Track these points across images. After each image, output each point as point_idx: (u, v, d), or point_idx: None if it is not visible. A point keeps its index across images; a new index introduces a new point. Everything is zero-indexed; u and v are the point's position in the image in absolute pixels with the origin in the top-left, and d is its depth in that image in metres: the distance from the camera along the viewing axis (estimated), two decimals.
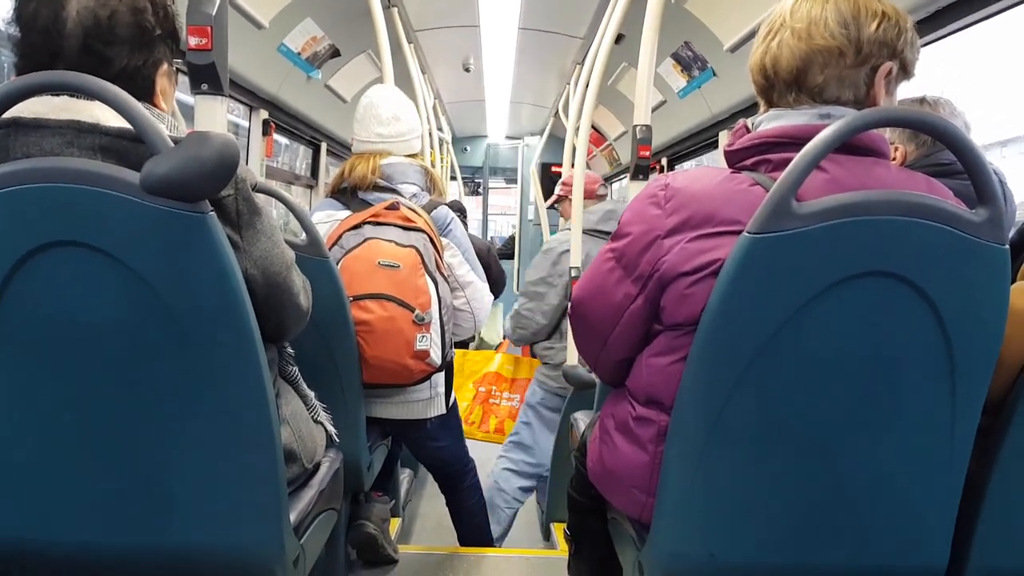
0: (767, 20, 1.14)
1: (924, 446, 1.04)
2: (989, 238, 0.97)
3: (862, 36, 1.05)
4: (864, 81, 1.08)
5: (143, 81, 1.10)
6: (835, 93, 1.08)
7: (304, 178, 4.64)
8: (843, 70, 1.07)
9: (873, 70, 1.08)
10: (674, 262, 1.07)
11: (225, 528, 1.11)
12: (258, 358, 1.05)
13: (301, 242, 1.69)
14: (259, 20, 2.76)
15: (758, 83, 1.15)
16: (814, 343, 0.99)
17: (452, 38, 4.49)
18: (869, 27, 1.05)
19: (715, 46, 3.01)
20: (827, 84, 1.08)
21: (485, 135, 8.11)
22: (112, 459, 1.07)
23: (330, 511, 1.47)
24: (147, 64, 1.09)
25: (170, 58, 1.13)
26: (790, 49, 1.08)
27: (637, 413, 1.16)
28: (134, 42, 1.06)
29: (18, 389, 1.03)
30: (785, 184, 0.94)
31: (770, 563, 1.09)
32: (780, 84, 1.11)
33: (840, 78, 1.08)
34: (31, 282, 0.98)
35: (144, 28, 1.07)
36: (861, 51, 1.06)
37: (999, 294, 0.99)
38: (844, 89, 1.08)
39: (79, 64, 1.01)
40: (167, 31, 1.11)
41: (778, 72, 1.10)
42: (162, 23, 1.10)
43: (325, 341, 1.80)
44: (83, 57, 1.03)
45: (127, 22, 1.05)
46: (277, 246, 1.19)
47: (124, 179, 0.94)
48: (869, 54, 1.06)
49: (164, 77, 1.13)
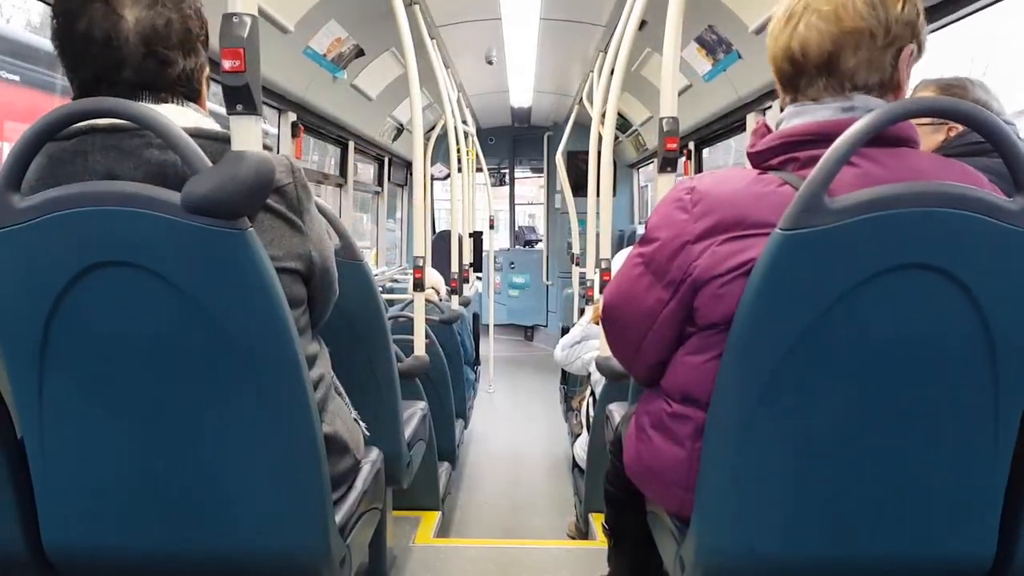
0: (785, 4, 1.11)
1: (966, 436, 1.03)
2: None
3: (890, 17, 1.04)
4: (890, 64, 1.06)
5: (195, 84, 1.17)
6: (864, 77, 1.07)
7: (334, 177, 4.69)
8: (873, 53, 1.05)
9: (898, 52, 1.06)
10: (706, 266, 1.07)
11: (274, 531, 1.14)
12: (299, 365, 1.08)
13: (336, 245, 1.71)
14: (285, 25, 2.79)
15: (783, 71, 1.12)
16: (851, 337, 0.99)
17: (474, 32, 4.49)
18: (896, 7, 1.04)
19: (740, 28, 2.98)
20: (858, 68, 1.06)
21: (509, 125, 8.10)
22: (164, 467, 1.10)
23: (373, 510, 1.50)
24: (196, 67, 1.15)
25: (207, 62, 1.19)
26: (819, 32, 1.05)
27: (673, 410, 1.17)
28: (185, 46, 1.12)
29: (73, 404, 1.07)
30: (817, 180, 0.94)
31: (810, 556, 1.09)
32: (811, 69, 1.08)
33: (870, 61, 1.06)
34: (82, 301, 1.02)
35: (192, 32, 1.13)
36: (890, 32, 1.04)
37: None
38: (872, 73, 1.07)
39: (143, 69, 1.08)
40: (206, 35, 1.17)
41: (808, 57, 1.07)
42: (202, 28, 1.16)
43: (361, 340, 1.83)
44: (147, 61, 1.08)
45: (179, 28, 1.10)
46: (324, 229, 1.27)
47: (166, 200, 0.97)
48: (897, 35, 1.04)
49: (206, 80, 1.20)
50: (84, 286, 1.01)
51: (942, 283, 0.97)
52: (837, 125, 1.00)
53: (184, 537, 1.13)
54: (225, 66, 0.98)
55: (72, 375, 1.06)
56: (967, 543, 1.08)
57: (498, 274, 8.35)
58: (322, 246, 1.24)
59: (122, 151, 1.05)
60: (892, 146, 1.04)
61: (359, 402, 1.51)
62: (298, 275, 1.18)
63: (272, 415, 1.08)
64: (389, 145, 5.45)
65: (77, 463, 1.10)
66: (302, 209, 1.18)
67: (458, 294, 4.07)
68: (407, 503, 2.94)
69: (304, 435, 1.11)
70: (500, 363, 7.25)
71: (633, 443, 1.28)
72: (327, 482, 1.17)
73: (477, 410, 5.35)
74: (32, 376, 1.05)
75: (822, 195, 0.94)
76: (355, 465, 1.40)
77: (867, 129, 0.94)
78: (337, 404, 1.37)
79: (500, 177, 8.75)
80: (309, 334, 1.27)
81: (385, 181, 5.94)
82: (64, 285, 1.01)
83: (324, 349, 1.35)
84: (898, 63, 1.07)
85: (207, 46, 1.18)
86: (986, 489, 1.06)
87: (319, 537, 1.16)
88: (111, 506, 1.12)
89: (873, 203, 0.94)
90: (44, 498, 1.12)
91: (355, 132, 4.48)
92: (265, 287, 1.02)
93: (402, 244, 7.11)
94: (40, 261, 1.01)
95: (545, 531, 3.41)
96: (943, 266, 0.96)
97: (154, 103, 1.09)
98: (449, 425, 3.33)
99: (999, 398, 1.01)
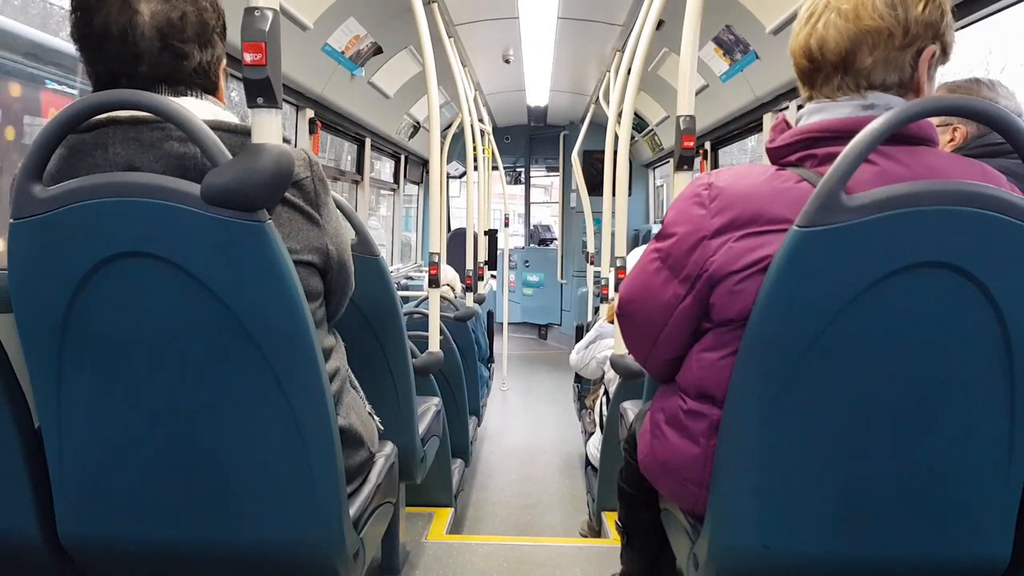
0: (808, 2, 1.12)
1: (982, 436, 1.03)
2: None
3: (909, 17, 1.03)
4: (909, 64, 1.06)
5: (213, 76, 1.18)
6: (881, 76, 1.06)
7: (350, 173, 4.71)
8: (891, 52, 1.05)
9: (918, 53, 1.05)
10: (723, 261, 1.07)
11: (288, 523, 1.15)
12: (316, 357, 1.09)
13: (352, 240, 1.72)
14: (304, 22, 2.81)
15: (801, 67, 1.13)
16: (867, 335, 0.99)
17: (492, 31, 4.50)
18: (916, 8, 1.03)
19: (757, 29, 2.96)
20: (875, 67, 1.06)
21: (526, 124, 8.11)
22: (180, 458, 1.12)
23: (387, 504, 1.51)
24: (213, 60, 1.17)
25: (224, 55, 1.20)
26: (837, 30, 1.06)
27: (688, 407, 1.17)
28: (201, 39, 1.13)
29: (90, 394, 1.09)
30: (834, 177, 0.94)
31: (824, 554, 1.09)
32: (827, 67, 1.08)
33: (887, 61, 1.06)
34: (101, 292, 1.03)
35: (208, 24, 1.14)
36: (908, 32, 1.04)
37: None
38: (890, 72, 1.06)
39: (159, 62, 1.09)
40: (223, 27, 1.18)
41: (825, 54, 1.08)
42: (218, 20, 1.17)
43: (376, 335, 1.84)
44: (163, 55, 1.09)
45: (194, 21, 1.11)
46: (341, 223, 1.28)
47: (186, 191, 0.99)
48: (916, 35, 1.04)
49: (223, 72, 1.22)
50: (103, 277, 1.02)
51: (959, 282, 0.96)
52: (856, 123, 0.99)
53: (198, 528, 1.14)
54: (246, 59, 0.99)
55: (90, 365, 1.07)
56: (983, 543, 1.07)
57: (513, 272, 8.36)
58: (339, 240, 1.25)
59: (142, 143, 1.06)
60: (911, 144, 1.04)
61: (374, 396, 1.52)
62: (315, 268, 1.19)
63: (288, 407, 1.08)
64: (405, 143, 5.47)
65: (94, 453, 1.11)
66: (319, 203, 1.19)
67: (473, 291, 4.07)
68: (420, 499, 2.95)
69: (320, 427, 1.11)
70: (514, 361, 7.26)
71: (647, 440, 1.28)
72: (342, 474, 1.18)
73: (491, 407, 5.36)
74: (51, 366, 1.07)
75: (839, 192, 0.94)
76: (369, 458, 1.40)
77: (886, 127, 0.94)
78: (352, 397, 1.38)
79: (516, 176, 8.76)
80: (325, 327, 1.28)
81: (401, 178, 5.96)
82: (83, 276, 1.02)
83: (340, 343, 1.36)
84: (918, 64, 1.06)
85: (224, 38, 1.19)
86: (1002, 489, 1.05)
87: (333, 529, 1.17)
88: (127, 496, 1.13)
89: (891, 201, 0.94)
90: (60, 488, 1.13)
91: (372, 129, 4.50)
92: (283, 279, 1.03)
93: (417, 241, 7.13)
94: (60, 251, 1.02)
95: (558, 529, 3.41)
96: (960, 264, 0.95)
97: (172, 96, 1.10)
98: (463, 422, 3.34)
99: (1015, 397, 1.00)
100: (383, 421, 1.55)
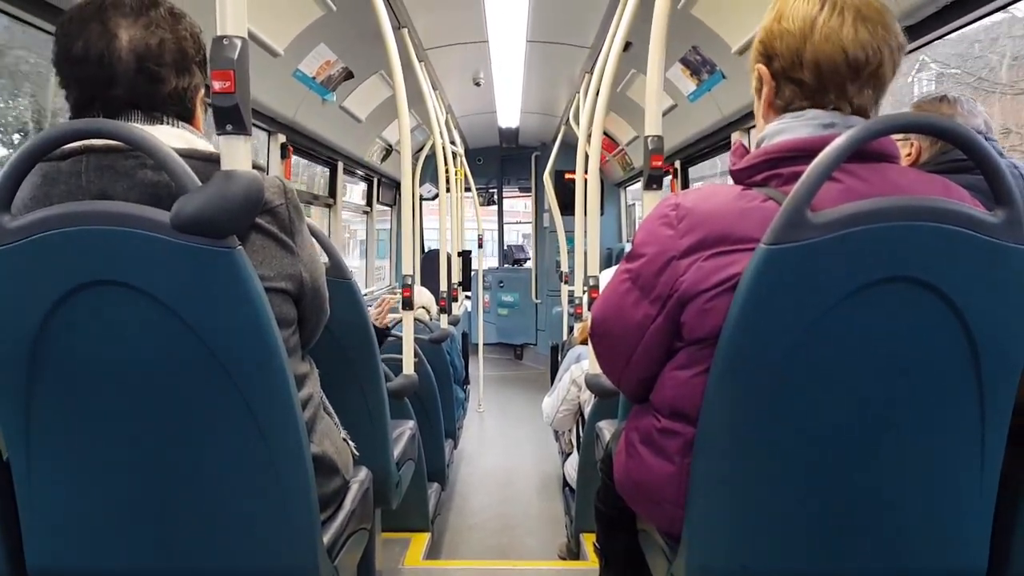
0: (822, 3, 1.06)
1: (954, 448, 1.04)
2: (1008, 239, 0.97)
3: (903, 42, 1.08)
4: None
5: (188, 104, 1.18)
6: (868, 98, 1.09)
7: (323, 198, 4.69)
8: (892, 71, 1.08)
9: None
10: (692, 281, 1.07)
11: (262, 552, 1.13)
12: (288, 385, 1.08)
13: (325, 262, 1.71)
14: (275, 48, 2.81)
15: (828, 71, 1.06)
16: (837, 351, 1.00)
17: (462, 54, 4.52)
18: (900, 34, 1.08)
19: (723, 49, 3.02)
20: (887, 83, 1.09)
21: (497, 146, 8.15)
22: (151, 488, 1.10)
23: (361, 531, 1.49)
24: (190, 87, 1.17)
25: (203, 84, 1.20)
26: (872, 38, 1.05)
27: (662, 425, 1.17)
28: (178, 66, 1.13)
29: (60, 424, 1.06)
30: (800, 194, 0.95)
31: (802, 572, 1.09)
32: (861, 76, 1.07)
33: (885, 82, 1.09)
34: (70, 321, 1.01)
35: (186, 53, 1.15)
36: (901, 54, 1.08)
37: (1022, 294, 1.00)
38: (875, 93, 1.10)
39: (134, 84, 1.09)
40: (203, 58, 1.19)
41: (869, 63, 1.06)
42: (198, 51, 1.18)
43: (348, 360, 1.83)
44: (137, 77, 1.09)
45: (172, 48, 1.12)
46: (316, 251, 1.28)
47: (156, 219, 0.98)
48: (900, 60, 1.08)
49: (201, 103, 1.22)
50: (73, 306, 1.01)
51: (926, 296, 0.97)
52: (819, 141, 1.01)
53: (171, 558, 1.12)
54: (215, 87, 0.99)
55: (59, 396, 1.05)
56: (959, 555, 1.08)
57: (487, 293, 8.36)
58: (313, 267, 1.24)
59: (116, 171, 1.05)
60: (874, 161, 1.06)
61: (348, 421, 1.51)
62: (288, 295, 1.19)
63: (260, 435, 1.07)
64: (378, 166, 5.47)
65: (64, 484, 1.09)
66: (294, 230, 1.18)
67: (447, 313, 4.06)
68: (396, 524, 2.92)
69: (293, 455, 1.10)
70: (490, 382, 7.23)
71: (623, 460, 1.28)
72: (315, 502, 1.16)
73: (467, 429, 5.32)
74: (19, 397, 1.05)
75: (805, 210, 0.95)
76: (344, 485, 1.39)
77: (849, 144, 0.96)
78: (326, 424, 1.36)
79: (488, 197, 8.78)
80: (299, 354, 1.27)
81: (374, 201, 5.95)
82: (52, 305, 1.00)
83: (314, 369, 1.35)
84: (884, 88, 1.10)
85: (204, 70, 1.19)
86: (975, 501, 1.06)
87: (307, 558, 1.15)
88: (97, 527, 1.11)
89: (856, 217, 0.95)
90: (29, 520, 1.11)
91: (344, 153, 4.49)
92: (254, 306, 1.02)
93: (390, 263, 7.11)
94: (28, 281, 1.01)
95: (536, 551, 3.39)
96: (927, 279, 0.97)
97: (147, 122, 1.10)
98: (438, 445, 3.32)
99: (985, 409, 1.02)
100: (357, 446, 1.53)
